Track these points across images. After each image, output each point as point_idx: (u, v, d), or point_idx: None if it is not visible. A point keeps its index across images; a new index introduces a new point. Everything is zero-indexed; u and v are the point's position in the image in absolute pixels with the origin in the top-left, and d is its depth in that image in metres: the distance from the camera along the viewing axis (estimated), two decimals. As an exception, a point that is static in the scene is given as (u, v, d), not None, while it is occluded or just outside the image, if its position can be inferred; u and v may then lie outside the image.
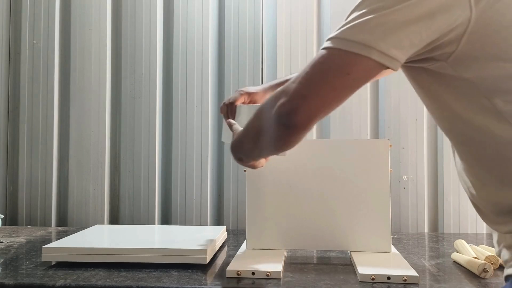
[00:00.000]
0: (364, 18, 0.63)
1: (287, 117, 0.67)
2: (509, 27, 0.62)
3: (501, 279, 0.89)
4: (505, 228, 0.69)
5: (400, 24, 0.62)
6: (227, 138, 0.97)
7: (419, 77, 0.72)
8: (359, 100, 1.49)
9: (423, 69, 0.70)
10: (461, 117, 0.68)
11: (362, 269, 0.90)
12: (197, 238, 1.11)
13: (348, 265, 1.00)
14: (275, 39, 1.54)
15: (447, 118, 0.71)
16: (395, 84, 1.49)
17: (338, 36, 0.65)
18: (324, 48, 0.66)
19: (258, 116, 0.75)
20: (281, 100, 0.67)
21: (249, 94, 1.04)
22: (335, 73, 0.65)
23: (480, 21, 0.62)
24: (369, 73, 0.66)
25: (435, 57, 0.67)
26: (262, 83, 1.54)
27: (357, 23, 0.64)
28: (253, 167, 0.89)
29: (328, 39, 0.66)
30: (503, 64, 0.63)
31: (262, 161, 0.90)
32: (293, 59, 1.53)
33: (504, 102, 0.64)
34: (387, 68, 0.64)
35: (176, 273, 0.93)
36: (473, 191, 0.73)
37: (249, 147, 0.80)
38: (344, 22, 0.66)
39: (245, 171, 1.05)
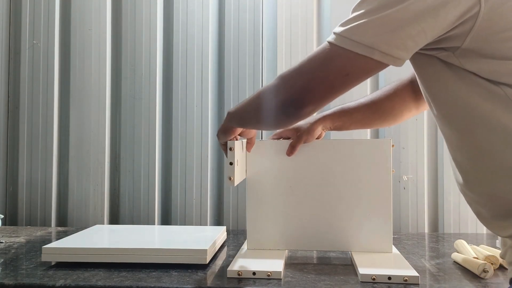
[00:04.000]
0: (367, 18, 0.64)
1: (291, 109, 0.73)
2: None
3: (501, 279, 0.89)
4: (506, 232, 0.68)
5: (403, 24, 0.62)
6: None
7: (427, 63, 0.71)
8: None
9: (433, 55, 0.70)
10: (468, 104, 0.66)
11: (362, 269, 0.90)
12: (197, 238, 1.11)
13: (349, 265, 1.00)
14: (275, 39, 1.54)
15: (452, 106, 0.69)
16: (395, 84, 1.49)
17: (342, 34, 0.66)
18: (329, 42, 0.68)
19: (261, 97, 0.80)
20: (285, 93, 0.73)
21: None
22: (336, 73, 0.68)
23: (487, 18, 0.61)
24: (370, 72, 0.68)
25: (444, 47, 0.67)
26: (262, 83, 1.54)
27: (361, 23, 0.64)
28: (230, 134, 0.92)
29: (334, 33, 0.68)
30: (508, 61, 0.63)
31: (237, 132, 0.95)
32: (293, 60, 1.53)
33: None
34: (389, 65, 0.65)
35: (176, 273, 0.93)
36: (470, 187, 0.71)
37: (247, 118, 0.88)
38: (349, 18, 0.67)
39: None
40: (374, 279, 0.87)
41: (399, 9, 0.62)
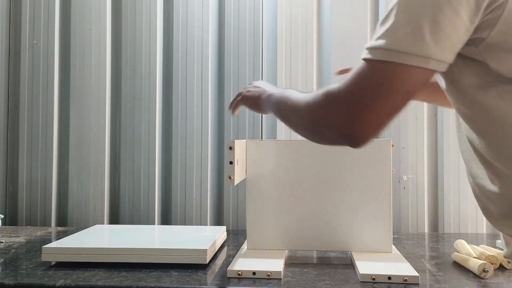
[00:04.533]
0: (415, 25, 0.58)
1: (346, 143, 0.64)
2: None
3: (501, 279, 0.89)
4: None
5: (452, 26, 0.58)
6: None
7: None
8: (359, 100, 1.49)
9: None
10: (488, 105, 0.64)
11: (362, 269, 0.90)
12: (197, 238, 1.11)
13: (349, 265, 1.00)
14: (275, 39, 1.54)
15: (473, 106, 0.67)
16: (395, 84, 1.48)
17: (387, 48, 0.59)
18: (372, 60, 0.60)
19: (306, 111, 0.69)
20: (338, 127, 0.63)
21: None
22: (395, 94, 0.60)
23: None
24: (425, 83, 0.62)
25: (468, 41, 0.64)
26: (262, 83, 1.54)
27: (409, 31, 0.58)
28: (254, 109, 0.89)
29: (373, 49, 0.60)
30: None
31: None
32: (293, 60, 1.53)
33: None
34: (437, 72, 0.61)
35: (176, 273, 0.93)
36: (484, 183, 0.69)
37: (284, 117, 0.77)
38: (386, 29, 0.60)
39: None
40: (374, 279, 0.87)
41: (446, 10, 0.57)
